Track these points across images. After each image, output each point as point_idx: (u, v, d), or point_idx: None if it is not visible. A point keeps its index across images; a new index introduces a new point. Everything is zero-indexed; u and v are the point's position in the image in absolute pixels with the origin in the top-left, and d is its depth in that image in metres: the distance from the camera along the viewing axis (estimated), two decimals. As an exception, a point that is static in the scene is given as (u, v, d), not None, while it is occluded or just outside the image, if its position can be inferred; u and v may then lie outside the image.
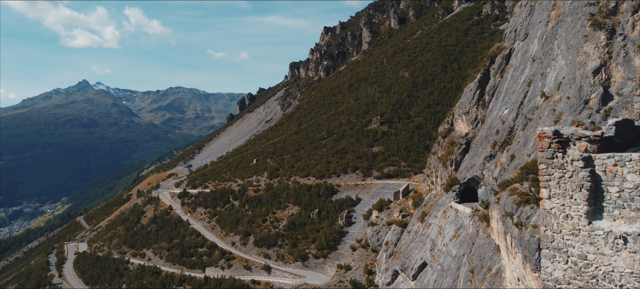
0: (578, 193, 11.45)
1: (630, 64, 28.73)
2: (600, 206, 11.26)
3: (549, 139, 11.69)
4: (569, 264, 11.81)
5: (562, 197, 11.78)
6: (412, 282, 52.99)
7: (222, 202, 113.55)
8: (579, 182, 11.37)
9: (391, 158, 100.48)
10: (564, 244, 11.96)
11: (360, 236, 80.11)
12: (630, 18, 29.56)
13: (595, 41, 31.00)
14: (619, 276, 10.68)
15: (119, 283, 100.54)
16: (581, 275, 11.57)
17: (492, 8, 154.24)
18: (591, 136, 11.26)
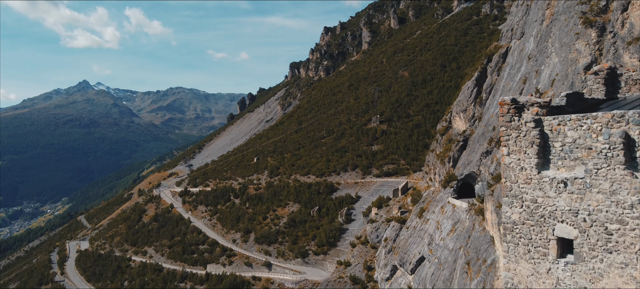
0: (530, 149, 13.91)
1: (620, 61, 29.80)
2: (547, 159, 13.69)
3: (508, 105, 14.29)
4: (523, 208, 14.34)
5: (518, 153, 14.32)
6: (410, 276, 54.02)
7: (223, 201, 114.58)
8: (531, 139, 13.83)
9: (390, 156, 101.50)
10: (519, 192, 14.45)
11: (359, 233, 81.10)
12: (619, 16, 30.58)
13: (586, 38, 32.06)
14: (560, 213, 13.37)
15: (121, 280, 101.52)
16: (532, 216, 14.12)
17: (491, 8, 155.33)
18: (541, 102, 13.75)
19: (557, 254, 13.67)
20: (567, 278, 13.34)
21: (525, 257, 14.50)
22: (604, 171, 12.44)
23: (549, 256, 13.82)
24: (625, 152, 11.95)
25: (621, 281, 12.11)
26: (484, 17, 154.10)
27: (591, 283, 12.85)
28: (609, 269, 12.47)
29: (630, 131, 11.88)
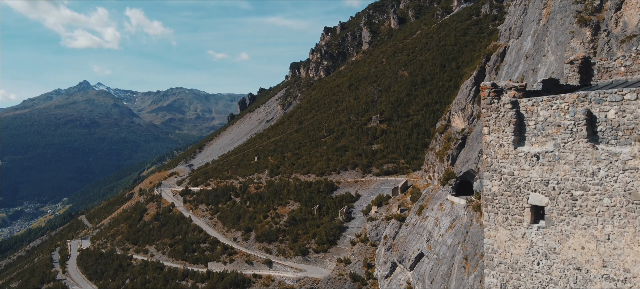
0: (508, 127, 15.79)
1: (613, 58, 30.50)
2: (522, 136, 15.57)
3: (489, 89, 16.23)
4: (502, 180, 16.30)
5: (497, 131, 16.21)
6: (409, 272, 54.69)
7: (223, 199, 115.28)
8: (508, 119, 15.68)
9: (390, 155, 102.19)
10: (498, 166, 16.39)
11: (359, 231, 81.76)
12: (613, 15, 31.26)
13: (581, 37, 32.74)
14: (533, 184, 15.26)
15: (122, 278, 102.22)
16: (510, 187, 16.06)
17: (491, 8, 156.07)
18: (518, 86, 15.59)
19: (530, 220, 15.58)
20: (539, 240, 15.31)
21: (504, 224, 16.39)
22: (570, 144, 14.27)
23: (524, 222, 15.74)
24: (588, 127, 13.74)
25: (584, 240, 14.12)
26: (484, 17, 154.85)
27: (559, 244, 14.79)
28: (574, 231, 14.38)
29: (592, 108, 13.65)
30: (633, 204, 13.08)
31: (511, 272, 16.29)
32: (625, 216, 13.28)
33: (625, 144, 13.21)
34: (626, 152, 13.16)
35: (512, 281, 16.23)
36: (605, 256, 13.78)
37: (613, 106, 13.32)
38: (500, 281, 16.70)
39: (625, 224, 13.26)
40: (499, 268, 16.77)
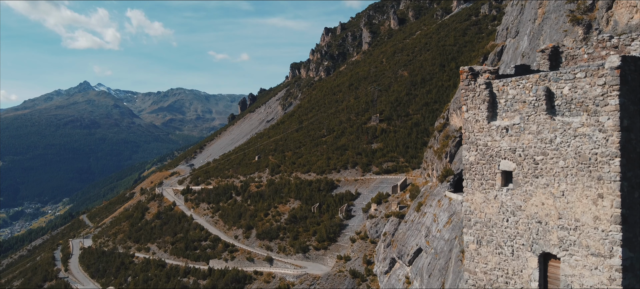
0: (482, 105, 18.67)
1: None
2: (495, 112, 18.39)
3: (467, 72, 19.24)
4: (477, 151, 19.24)
5: (474, 109, 19.13)
6: (408, 267, 55.70)
7: (224, 198, 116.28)
8: (483, 98, 18.57)
9: (390, 154, 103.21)
10: (475, 139, 19.30)
11: (359, 228, 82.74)
12: (604, 14, 32.23)
13: (573, 35, 33.75)
14: (503, 152, 18.13)
15: (124, 275, 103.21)
16: (484, 156, 18.93)
17: (490, 9, 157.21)
18: (491, 69, 18.31)
19: (501, 184, 18.39)
20: (508, 200, 18.15)
21: (479, 188, 19.27)
22: (532, 117, 17.03)
23: (496, 186, 18.61)
24: (547, 102, 16.43)
25: (544, 197, 16.91)
26: (483, 17, 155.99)
27: (524, 202, 17.56)
28: (536, 190, 17.18)
29: (551, 86, 16.33)
30: (582, 164, 15.72)
31: (485, 229, 19.03)
32: (576, 175, 15.92)
33: (577, 114, 15.80)
34: (577, 121, 15.78)
35: (486, 237, 18.97)
36: (561, 210, 16.46)
37: (567, 83, 15.91)
38: (476, 238, 19.46)
39: (576, 181, 15.92)
40: (475, 226, 19.53)
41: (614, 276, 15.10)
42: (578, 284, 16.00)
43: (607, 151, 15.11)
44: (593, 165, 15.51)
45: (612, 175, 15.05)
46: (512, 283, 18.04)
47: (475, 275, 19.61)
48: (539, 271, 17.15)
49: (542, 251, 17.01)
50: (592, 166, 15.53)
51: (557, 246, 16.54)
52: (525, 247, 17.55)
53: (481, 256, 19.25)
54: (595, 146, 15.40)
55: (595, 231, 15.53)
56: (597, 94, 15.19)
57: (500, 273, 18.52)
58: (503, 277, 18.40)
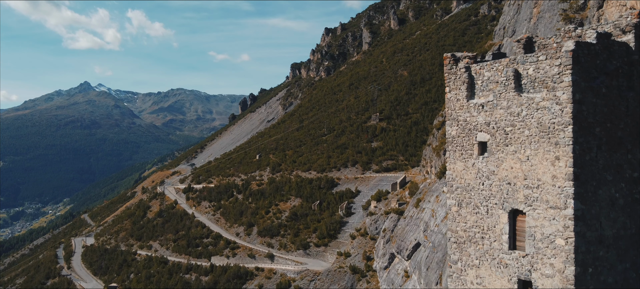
0: (462, 86, 21.78)
1: (595, 53, 32.57)
2: (473, 92, 21.52)
3: (449, 58, 22.29)
4: (458, 126, 22.26)
5: (455, 89, 22.22)
6: (407, 262, 56.85)
7: (226, 196, 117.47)
8: (463, 80, 21.70)
9: (389, 153, 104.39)
10: (456, 115, 22.39)
11: (359, 225, 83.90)
12: (596, 13, 33.38)
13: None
14: (480, 126, 21.24)
15: (127, 272, 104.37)
16: (464, 130, 21.97)
17: (489, 9, 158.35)
18: (470, 55, 21.44)
19: (478, 153, 21.55)
20: (483, 166, 21.40)
21: (460, 158, 22.39)
22: (503, 94, 20.20)
23: (473, 155, 21.80)
24: (515, 81, 19.56)
25: (512, 162, 20.14)
26: (482, 17, 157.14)
27: (497, 167, 20.81)
28: (506, 156, 20.38)
29: (518, 68, 19.48)
30: (543, 132, 18.84)
31: (465, 193, 22.24)
32: (538, 141, 19.04)
33: (539, 91, 18.85)
34: (539, 96, 18.84)
35: (465, 199, 22.26)
36: (526, 172, 19.60)
37: (532, 65, 19.06)
38: (457, 201, 22.72)
39: (538, 147, 19.04)
40: (457, 191, 22.68)
41: (567, 224, 18.22)
42: (540, 234, 19.12)
43: (562, 120, 18.18)
44: (551, 133, 18.57)
45: (567, 140, 18.13)
46: (487, 237, 21.27)
47: (457, 233, 22.72)
48: (509, 225, 20.39)
49: (511, 208, 20.19)
50: (551, 133, 18.59)
51: (523, 203, 19.68)
52: (498, 206, 20.76)
53: (461, 216, 22.42)
54: (553, 116, 18.44)
55: (554, 187, 18.60)
56: (555, 72, 18.26)
57: (477, 229, 21.71)
58: (479, 233, 21.61)
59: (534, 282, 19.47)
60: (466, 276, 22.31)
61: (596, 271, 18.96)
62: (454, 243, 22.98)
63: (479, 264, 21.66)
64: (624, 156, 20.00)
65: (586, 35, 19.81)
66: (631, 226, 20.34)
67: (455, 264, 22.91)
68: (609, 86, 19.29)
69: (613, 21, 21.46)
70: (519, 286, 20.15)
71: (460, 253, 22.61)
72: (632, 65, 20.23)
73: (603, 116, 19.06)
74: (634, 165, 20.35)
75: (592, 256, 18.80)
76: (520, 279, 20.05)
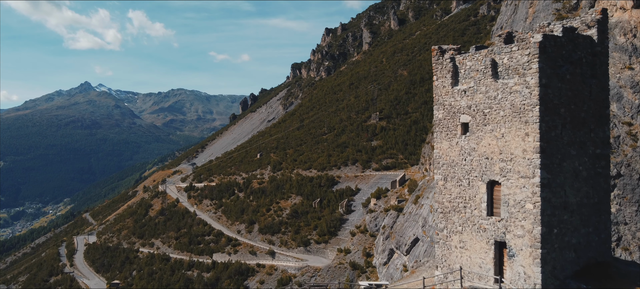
0: (448, 74, 25.01)
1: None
2: (456, 79, 24.76)
3: (436, 50, 25.75)
4: (444, 109, 25.57)
5: (441, 78, 25.61)
6: (405, 256, 57.95)
7: (227, 194, 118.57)
8: (448, 69, 24.93)
9: (389, 151, 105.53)
10: (442, 100, 25.62)
11: (359, 222, 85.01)
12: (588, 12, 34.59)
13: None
14: (462, 109, 24.43)
15: (129, 270, 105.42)
16: (449, 113, 25.29)
17: (488, 9, 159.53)
18: (454, 48, 24.96)
19: (461, 133, 24.75)
20: (466, 144, 24.52)
21: (445, 138, 25.80)
22: (482, 81, 23.22)
23: (457, 134, 25.03)
24: (492, 69, 22.65)
25: (490, 140, 23.16)
26: (482, 18, 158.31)
27: (477, 144, 23.85)
28: (485, 135, 23.46)
29: (495, 57, 22.60)
30: (515, 113, 21.94)
31: (449, 168, 25.62)
32: (511, 121, 22.15)
33: (512, 77, 22.02)
34: (512, 82, 22.01)
35: (450, 174, 25.63)
36: (501, 147, 22.68)
37: (506, 55, 22.19)
38: (443, 175, 26.15)
39: (511, 125, 22.16)
40: (443, 167, 25.98)
41: (535, 191, 21.27)
42: (513, 200, 22.17)
43: (531, 101, 21.22)
44: (522, 113, 21.65)
45: (534, 119, 21.14)
46: (468, 206, 24.53)
47: (443, 204, 26.08)
48: (487, 194, 23.49)
49: (489, 180, 23.32)
50: (521, 113, 21.69)
51: (499, 174, 22.81)
52: (477, 178, 23.93)
53: (447, 189, 25.78)
54: (524, 99, 21.53)
55: (524, 159, 21.70)
56: (525, 61, 21.39)
57: (460, 200, 24.97)
58: (462, 203, 24.90)
59: (508, 242, 22.39)
60: (451, 241, 25.41)
61: (561, 232, 21.88)
62: (441, 213, 26.08)
63: (462, 230, 24.81)
64: (587, 134, 23.06)
65: (554, 29, 22.93)
66: (594, 195, 23.42)
67: (442, 231, 26.04)
68: (573, 73, 22.32)
69: (580, 17, 23.26)
70: (495, 247, 23.09)
71: (446, 221, 25.76)
72: (596, 56, 23.48)
73: (567, 98, 22.11)
74: (596, 143, 23.55)
75: (557, 219, 21.74)
76: (497, 241, 23.03)
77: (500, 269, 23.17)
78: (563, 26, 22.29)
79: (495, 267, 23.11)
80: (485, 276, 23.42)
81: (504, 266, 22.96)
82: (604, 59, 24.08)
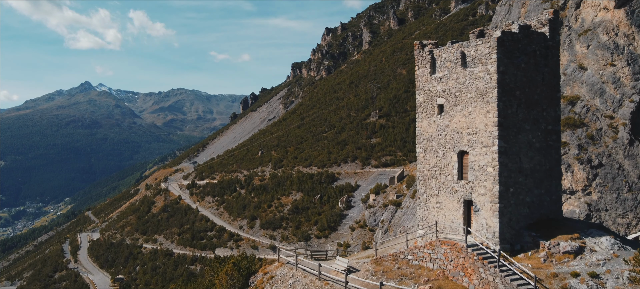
0: (427, 64, 29.96)
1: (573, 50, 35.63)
2: (434, 68, 29.69)
3: (417, 45, 30.65)
4: (424, 94, 30.43)
5: (422, 67, 30.43)
6: (404, 248, 59.93)
7: (229, 191, 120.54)
8: (427, 60, 29.96)
9: (388, 148, 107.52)
10: (422, 86, 30.50)
11: (358, 217, 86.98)
12: (574, 12, 36.46)
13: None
14: (438, 93, 29.43)
15: (133, 265, 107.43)
16: (428, 97, 30.06)
17: (487, 9, 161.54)
18: (433, 43, 29.95)
19: (437, 113, 29.79)
20: (441, 122, 29.48)
21: (425, 117, 30.66)
22: (454, 69, 28.23)
23: (434, 114, 30.02)
24: (462, 60, 27.52)
25: (460, 117, 28.07)
26: (480, 17, 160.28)
27: (450, 121, 28.72)
28: (456, 113, 28.38)
29: (465, 50, 27.45)
30: (479, 95, 26.73)
31: (428, 142, 30.40)
32: (476, 101, 26.95)
33: (477, 66, 26.86)
34: (477, 70, 26.83)
35: (429, 147, 30.41)
36: (468, 123, 27.51)
37: (473, 47, 27.10)
38: (423, 149, 30.83)
39: (476, 105, 27.00)
40: (423, 142, 30.75)
41: (494, 157, 26.13)
42: (477, 166, 27.12)
43: (491, 85, 26.04)
44: (484, 94, 26.41)
45: (493, 99, 25.89)
46: (443, 173, 29.48)
47: (423, 172, 30.96)
48: (457, 162, 28.42)
49: (459, 150, 28.23)
50: (484, 95, 26.42)
51: (467, 145, 27.63)
52: (450, 149, 28.80)
53: (426, 160, 30.62)
54: (485, 83, 26.33)
55: (486, 132, 26.52)
56: (487, 52, 26.16)
57: (436, 168, 29.92)
58: (438, 170, 29.83)
59: (474, 200, 27.27)
60: (429, 203, 30.40)
61: (516, 191, 26.67)
62: (421, 180, 31.05)
63: (438, 193, 29.75)
64: (540, 113, 27.74)
65: (512, 27, 27.49)
66: (546, 163, 28.17)
67: (422, 195, 30.99)
68: (527, 63, 27.08)
69: (536, 17, 25.96)
70: (464, 205, 28.08)
71: (425, 187, 30.67)
72: (548, 49, 28.08)
73: (522, 83, 26.85)
74: (548, 120, 28.27)
75: (513, 180, 26.52)
76: (465, 200, 27.94)
77: (468, 222, 27.90)
78: (519, 24, 26.73)
79: (464, 221, 27.86)
80: (457, 229, 28.16)
81: (471, 220, 27.70)
82: (555, 52, 28.45)
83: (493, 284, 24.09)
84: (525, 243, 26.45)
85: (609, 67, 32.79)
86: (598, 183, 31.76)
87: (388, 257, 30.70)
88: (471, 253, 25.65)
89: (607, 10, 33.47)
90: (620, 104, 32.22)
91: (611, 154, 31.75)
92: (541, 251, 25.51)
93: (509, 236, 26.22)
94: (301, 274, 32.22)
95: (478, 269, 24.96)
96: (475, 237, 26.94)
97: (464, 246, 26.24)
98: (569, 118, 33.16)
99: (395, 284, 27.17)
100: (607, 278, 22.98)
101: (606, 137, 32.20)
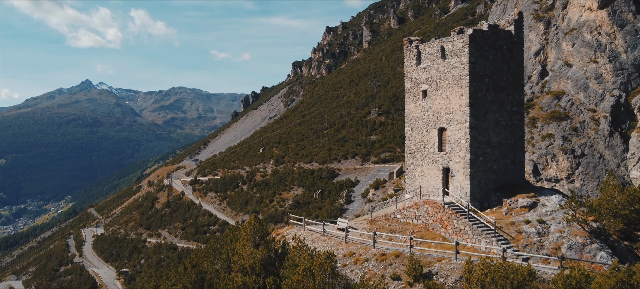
0: (414, 57, 36.42)
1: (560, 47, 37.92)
2: (420, 60, 36.07)
3: (406, 41, 37.12)
4: (411, 82, 36.98)
5: (410, 60, 36.91)
6: (402, 238, 62.47)
7: (231, 187, 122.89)
8: (414, 53, 36.54)
9: (388, 145, 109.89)
10: (410, 75, 36.93)
11: (358, 211, 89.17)
12: (561, 12, 38.76)
13: (536, 30, 40.21)
14: (422, 80, 35.94)
15: (137, 258, 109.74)
16: (414, 84, 36.66)
17: (485, 8, 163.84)
18: (419, 39, 36.53)
19: (421, 97, 35.66)
20: (425, 105, 35.39)
21: (412, 101, 36.46)
22: (435, 61, 34.33)
23: (419, 98, 35.88)
24: (442, 53, 33.69)
25: (440, 100, 34.10)
26: (479, 17, 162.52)
27: (432, 104, 34.76)
28: (437, 97, 34.43)
29: (444, 45, 33.73)
30: (455, 81, 32.56)
31: (414, 121, 36.12)
32: (453, 87, 32.83)
33: (453, 57, 32.68)
34: (453, 61, 32.75)
35: (415, 125, 36.13)
36: (446, 105, 33.29)
37: (451, 42, 32.89)
38: (411, 127, 36.51)
39: (453, 90, 32.85)
40: (410, 121, 36.43)
41: (466, 132, 31.91)
42: (453, 139, 32.74)
43: (464, 73, 31.80)
44: (459, 81, 32.17)
45: (466, 84, 31.66)
46: (427, 146, 35.09)
47: (410, 147, 36.56)
48: (438, 137, 34.04)
49: (439, 127, 33.93)
50: (459, 81, 32.20)
51: (446, 123, 33.34)
52: (432, 126, 34.47)
53: (413, 136, 36.25)
54: (460, 72, 32.08)
55: (460, 111, 32.29)
56: (461, 47, 31.98)
57: (421, 143, 35.55)
58: (422, 144, 35.54)
59: (451, 167, 32.93)
60: (415, 172, 36.18)
61: (485, 159, 32.42)
62: (409, 153, 36.71)
63: (422, 163, 35.48)
64: (506, 97, 33.48)
65: (483, 26, 33.05)
66: (511, 138, 33.84)
67: (410, 166, 36.62)
68: (495, 55, 32.57)
69: (505, 17, 29.00)
70: (443, 172, 33.71)
71: (412, 159, 36.31)
72: (513, 44, 33.58)
73: (491, 72, 32.43)
74: (513, 103, 33.92)
75: (482, 151, 32.27)
76: (444, 168, 33.63)
77: (446, 186, 33.45)
78: (488, 24, 32.27)
79: (443, 185, 33.45)
80: (437, 192, 33.89)
81: (449, 184, 33.30)
82: (519, 46, 34.14)
83: (464, 231, 30.15)
84: (492, 201, 32.05)
85: (592, 64, 35.15)
86: (580, 172, 34.13)
87: (381, 217, 36.70)
88: (447, 209, 31.39)
89: (591, 10, 35.76)
90: (602, 98, 34.67)
91: (593, 144, 34.12)
92: (504, 207, 31.22)
93: (478, 196, 31.85)
94: (308, 233, 37.84)
95: (452, 221, 30.83)
96: (452, 197, 32.42)
97: (441, 204, 32.06)
98: (554, 111, 35.56)
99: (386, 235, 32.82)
100: (551, 223, 28.83)
101: (588, 129, 34.60)
